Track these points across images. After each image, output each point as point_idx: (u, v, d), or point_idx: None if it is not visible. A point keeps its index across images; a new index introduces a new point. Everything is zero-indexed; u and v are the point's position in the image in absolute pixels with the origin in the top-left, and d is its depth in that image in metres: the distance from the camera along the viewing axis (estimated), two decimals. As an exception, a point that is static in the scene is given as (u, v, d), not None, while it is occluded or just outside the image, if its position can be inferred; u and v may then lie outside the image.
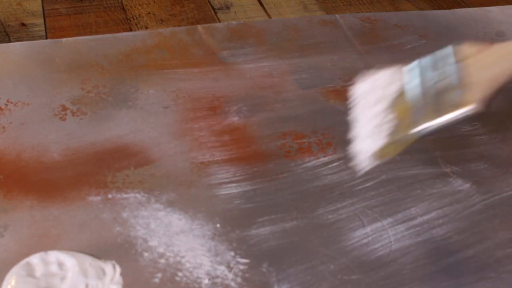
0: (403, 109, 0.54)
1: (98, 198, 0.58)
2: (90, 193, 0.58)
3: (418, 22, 0.87)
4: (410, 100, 0.54)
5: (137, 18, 0.82)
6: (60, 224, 0.55)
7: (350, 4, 0.88)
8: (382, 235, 0.57)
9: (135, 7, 0.85)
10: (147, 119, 0.67)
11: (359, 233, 0.57)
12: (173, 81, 0.72)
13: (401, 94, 0.55)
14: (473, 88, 0.51)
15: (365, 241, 0.57)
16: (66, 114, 0.66)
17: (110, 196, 0.58)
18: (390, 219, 0.59)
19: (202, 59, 0.75)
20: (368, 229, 0.58)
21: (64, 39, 0.75)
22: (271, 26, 0.82)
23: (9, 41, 0.80)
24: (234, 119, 0.68)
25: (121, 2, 0.85)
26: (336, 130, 0.68)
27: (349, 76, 0.75)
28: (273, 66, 0.75)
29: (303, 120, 0.69)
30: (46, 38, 0.81)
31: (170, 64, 0.74)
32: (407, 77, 0.56)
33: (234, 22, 0.82)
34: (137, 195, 0.58)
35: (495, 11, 0.91)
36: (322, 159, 0.64)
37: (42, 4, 0.85)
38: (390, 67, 0.57)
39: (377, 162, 0.56)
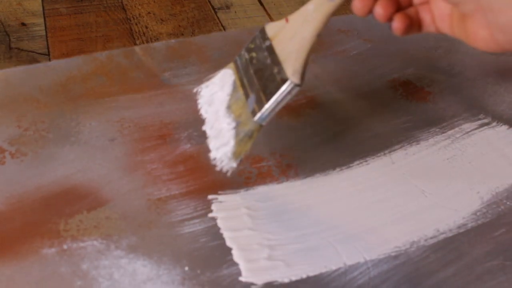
0: (239, 105, 0.55)
1: (53, 250, 0.53)
2: (43, 245, 0.53)
3: (361, 25, 0.84)
4: (240, 95, 0.55)
5: (137, 18, 0.79)
6: (14, 284, 0.50)
7: (349, 3, 0.87)
8: (359, 261, 0.55)
9: (135, 6, 0.82)
10: (94, 155, 0.62)
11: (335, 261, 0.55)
12: (116, 110, 0.67)
13: (232, 93, 0.56)
14: (286, 64, 0.53)
15: (342, 269, 0.54)
16: (4, 157, 0.61)
17: (65, 246, 0.53)
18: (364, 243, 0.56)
19: (144, 83, 0.71)
20: (344, 256, 0.55)
21: (-8, 72, 0.70)
22: (211, 41, 0.78)
23: (10, 41, 0.77)
24: (186, 147, 0.64)
25: (121, 2, 0.82)
26: (294, 150, 0.65)
27: (299, 89, 0.72)
28: (219, 85, 0.72)
29: (259, 141, 0.65)
30: (46, 37, 0.78)
31: (111, 91, 0.69)
32: (230, 75, 0.57)
33: (173, 40, 0.78)
34: (95, 242, 0.54)
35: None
36: (284, 183, 0.61)
37: (42, 3, 0.81)
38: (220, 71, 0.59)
39: (238, 161, 0.56)
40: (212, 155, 0.56)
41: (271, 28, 0.55)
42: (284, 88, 0.52)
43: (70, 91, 0.69)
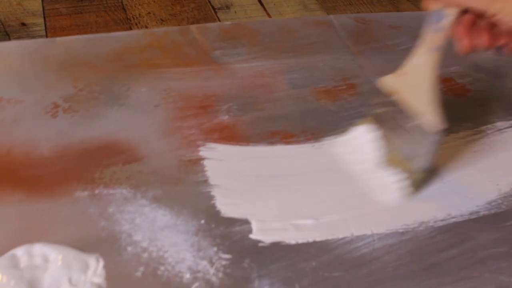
0: (394, 158, 0.62)
1: (85, 193, 0.58)
2: (77, 189, 0.59)
3: (413, 22, 0.87)
4: (393, 149, 0.63)
5: (137, 17, 0.83)
6: (47, 218, 0.56)
7: (350, 4, 0.89)
8: (366, 233, 0.58)
9: (135, 6, 0.85)
10: (138, 117, 0.67)
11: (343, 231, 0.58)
12: (164, 80, 0.72)
13: (384, 149, 0.63)
14: (427, 115, 0.60)
15: (348, 239, 0.57)
16: (57, 112, 0.67)
17: (97, 191, 0.59)
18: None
19: (194, 59, 0.76)
20: (352, 227, 0.58)
21: (58, 38, 0.76)
22: (264, 26, 0.83)
23: (9, 41, 0.81)
24: (224, 118, 0.68)
25: (121, 2, 0.85)
26: (325, 130, 0.68)
27: (341, 77, 0.76)
28: (265, 66, 0.76)
29: (293, 119, 0.69)
30: (46, 37, 0.81)
31: (163, 64, 0.75)
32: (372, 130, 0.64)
33: (228, 22, 0.82)
34: (124, 191, 0.59)
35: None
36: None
37: (42, 4, 0.85)
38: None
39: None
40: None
41: (387, 83, 0.62)
42: (439, 136, 0.59)
43: (125, 60, 0.74)
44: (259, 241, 0.56)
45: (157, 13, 0.86)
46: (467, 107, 0.73)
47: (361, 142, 0.64)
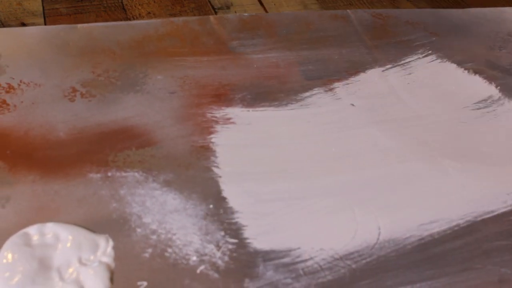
0: None
1: (98, 175, 0.60)
2: (91, 171, 0.60)
3: (430, 19, 0.87)
4: None
5: (137, 18, 0.84)
6: (60, 198, 0.57)
7: (350, 4, 0.89)
8: (371, 222, 0.59)
9: (135, 7, 0.86)
10: (153, 103, 0.69)
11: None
12: (181, 68, 0.74)
13: None
14: None
15: (353, 226, 0.58)
16: (75, 96, 0.68)
17: (110, 174, 0.60)
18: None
19: (211, 48, 0.77)
20: (358, 216, 0.59)
21: (79, 25, 0.77)
22: (282, 18, 0.84)
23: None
24: (238, 107, 0.70)
25: (121, 2, 0.86)
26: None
27: (355, 70, 0.77)
28: (281, 57, 0.77)
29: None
30: None
31: (180, 52, 0.76)
32: None
33: (246, 14, 0.83)
34: (136, 174, 0.61)
35: (508, 12, 0.91)
36: (319, 147, 0.66)
37: (42, 3, 0.86)
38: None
39: None
40: None
41: None
42: None
43: (144, 47, 0.76)
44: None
45: (157, 13, 0.86)
46: (480, 103, 0.74)
47: None
